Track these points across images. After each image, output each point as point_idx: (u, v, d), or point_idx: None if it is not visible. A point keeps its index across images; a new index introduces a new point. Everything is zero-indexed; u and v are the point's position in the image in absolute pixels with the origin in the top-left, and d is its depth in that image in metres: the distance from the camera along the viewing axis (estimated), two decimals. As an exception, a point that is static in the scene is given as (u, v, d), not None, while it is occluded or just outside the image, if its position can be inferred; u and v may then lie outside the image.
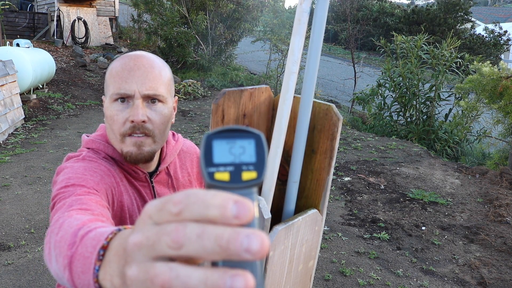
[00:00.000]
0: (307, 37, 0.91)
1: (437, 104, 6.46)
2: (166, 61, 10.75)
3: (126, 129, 0.96)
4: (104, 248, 0.48)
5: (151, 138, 0.98)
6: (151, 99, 0.97)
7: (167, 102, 1.00)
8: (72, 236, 0.64)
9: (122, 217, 1.03)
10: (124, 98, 0.96)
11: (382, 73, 6.95)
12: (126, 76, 0.94)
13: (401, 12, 19.72)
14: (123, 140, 0.98)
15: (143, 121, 0.95)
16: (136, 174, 1.05)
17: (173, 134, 1.21)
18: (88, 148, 1.04)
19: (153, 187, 1.10)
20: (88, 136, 1.07)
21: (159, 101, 0.98)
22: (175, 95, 1.07)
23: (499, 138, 5.48)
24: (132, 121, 0.95)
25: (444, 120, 6.50)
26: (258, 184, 0.35)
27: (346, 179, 4.00)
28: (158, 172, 1.10)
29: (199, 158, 1.26)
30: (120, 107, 0.96)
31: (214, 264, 0.31)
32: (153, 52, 10.87)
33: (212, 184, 0.35)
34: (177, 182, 1.16)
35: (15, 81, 5.35)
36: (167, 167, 1.13)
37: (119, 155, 1.02)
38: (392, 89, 6.58)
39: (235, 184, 0.34)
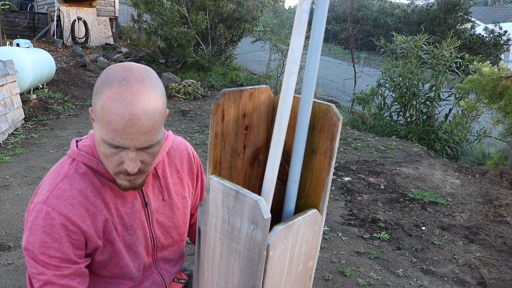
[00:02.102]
0: (307, 37, 0.91)
1: (437, 104, 6.46)
2: (166, 61, 10.74)
3: (120, 171, 0.98)
4: None
5: (144, 173, 1.01)
6: (146, 147, 0.97)
7: (161, 139, 1.00)
8: None
9: (107, 234, 1.05)
10: (118, 147, 0.95)
11: (382, 73, 6.95)
12: (121, 132, 0.91)
13: (401, 12, 19.72)
14: (117, 176, 1.00)
15: (137, 171, 0.97)
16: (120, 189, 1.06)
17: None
18: (73, 160, 1.05)
19: (141, 189, 1.10)
20: (77, 145, 1.08)
21: (153, 145, 0.98)
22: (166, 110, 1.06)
23: (499, 138, 5.48)
24: (126, 171, 0.96)
25: (444, 120, 6.50)
26: None
27: (346, 179, 4.00)
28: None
29: (189, 154, 1.22)
30: (113, 150, 0.95)
31: None
32: (153, 52, 10.87)
33: None
34: (166, 181, 1.16)
35: (15, 81, 5.35)
36: (154, 168, 1.14)
37: (103, 167, 1.03)
38: (392, 89, 6.58)
39: None
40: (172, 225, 1.19)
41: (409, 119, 6.66)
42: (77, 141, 1.10)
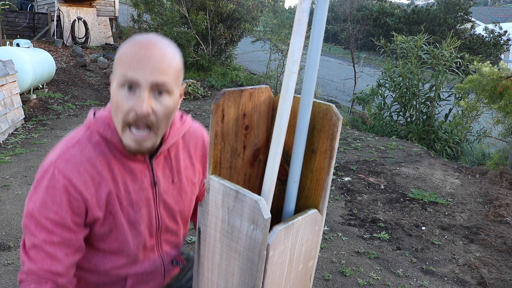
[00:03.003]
0: (307, 37, 0.91)
1: (437, 104, 6.46)
2: (166, 61, 10.77)
3: (129, 119, 0.96)
4: None
5: (153, 131, 0.99)
6: (158, 91, 0.96)
7: (174, 93, 0.99)
8: None
9: (110, 206, 1.04)
10: (131, 86, 0.94)
11: (382, 73, 6.95)
12: (134, 65, 0.93)
13: (401, 12, 19.72)
14: (124, 130, 0.98)
15: (147, 114, 0.95)
16: (133, 155, 1.04)
17: (181, 116, 1.19)
18: (88, 128, 1.05)
19: (152, 168, 1.09)
20: (94, 114, 1.07)
21: (166, 92, 0.97)
22: (183, 83, 1.06)
23: (499, 138, 5.48)
24: (136, 113, 0.94)
25: (444, 120, 6.50)
26: None
27: (346, 179, 4.00)
28: (158, 154, 1.09)
29: (204, 141, 1.21)
30: (126, 95, 0.95)
31: None
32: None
33: None
34: (177, 164, 1.15)
35: (15, 81, 5.35)
36: (167, 149, 1.12)
37: (117, 138, 1.02)
38: (392, 89, 6.58)
39: None
40: (178, 209, 1.18)
41: (409, 119, 6.66)
42: (94, 112, 1.09)
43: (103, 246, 1.10)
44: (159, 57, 0.94)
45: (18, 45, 7.93)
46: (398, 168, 4.29)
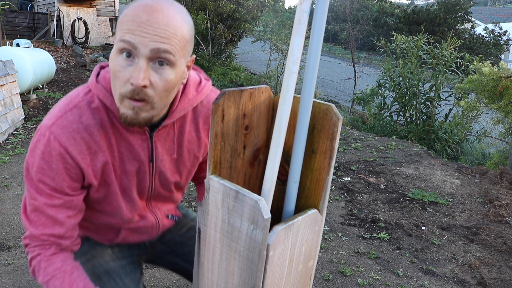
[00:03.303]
0: (307, 37, 0.91)
1: (437, 104, 6.46)
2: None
3: (126, 91, 0.89)
4: None
5: (149, 104, 0.91)
6: (159, 61, 0.88)
7: (177, 65, 0.91)
8: None
9: (105, 175, 1.03)
10: (130, 53, 0.87)
11: (382, 73, 6.94)
12: (134, 29, 0.84)
13: (401, 12, 19.71)
14: (122, 100, 0.91)
15: (144, 86, 0.87)
16: (133, 128, 1.00)
17: (200, 82, 1.10)
18: (89, 90, 0.99)
19: (152, 142, 1.04)
20: (99, 74, 1.01)
21: (168, 64, 0.89)
22: (192, 54, 0.98)
23: (499, 138, 5.48)
24: (132, 84, 0.87)
25: (444, 120, 6.50)
26: None
27: (346, 179, 4.00)
28: (160, 127, 1.04)
29: None
30: (123, 63, 0.88)
31: None
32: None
33: None
34: (180, 138, 1.09)
35: (15, 81, 5.35)
36: (172, 122, 1.07)
37: (117, 107, 0.96)
38: (392, 89, 6.57)
39: None
40: (173, 181, 1.16)
41: (409, 119, 6.66)
42: (99, 71, 1.03)
43: (98, 207, 1.10)
44: (163, 23, 0.85)
45: (18, 45, 7.93)
46: (398, 168, 4.29)
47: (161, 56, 0.87)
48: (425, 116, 6.50)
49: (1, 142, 4.71)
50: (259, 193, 0.92)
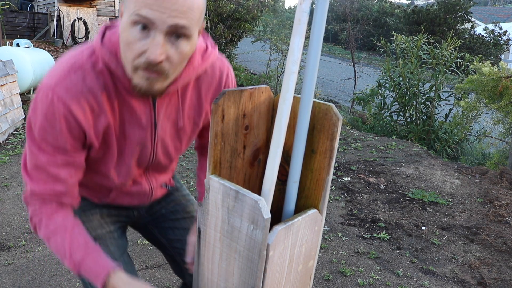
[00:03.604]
0: (307, 37, 0.91)
1: (437, 104, 6.46)
2: (166, 61, 10.80)
3: (140, 63, 0.87)
4: (104, 284, 0.99)
5: (164, 76, 0.91)
6: (176, 35, 0.86)
7: (193, 37, 0.90)
8: (69, 254, 1.00)
9: (106, 137, 1.02)
10: (145, 26, 0.84)
11: (382, 73, 6.95)
12: (152, 3, 0.82)
13: (401, 12, 19.71)
14: (135, 71, 0.90)
15: (160, 61, 0.86)
16: (136, 92, 0.97)
17: (206, 49, 1.07)
18: (94, 51, 0.96)
19: (154, 108, 1.03)
20: (104, 35, 0.97)
21: (184, 37, 0.87)
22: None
23: (499, 138, 5.48)
24: (148, 59, 0.85)
25: (444, 120, 6.50)
26: None
27: (346, 179, 4.00)
28: (164, 94, 1.01)
29: (220, 83, 1.12)
30: (138, 35, 0.85)
31: None
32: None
33: None
34: (182, 103, 1.08)
35: (15, 81, 5.35)
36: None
37: (122, 71, 0.94)
38: (392, 89, 6.57)
39: None
40: (174, 148, 1.16)
41: (409, 119, 6.66)
42: (104, 31, 0.98)
43: (92, 166, 1.10)
44: None
45: (18, 45, 7.93)
46: (398, 168, 4.29)
47: (178, 32, 0.86)
48: (425, 116, 6.50)
49: (1, 142, 4.71)
50: (259, 193, 0.92)
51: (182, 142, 1.16)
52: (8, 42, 7.88)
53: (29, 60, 5.91)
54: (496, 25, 17.50)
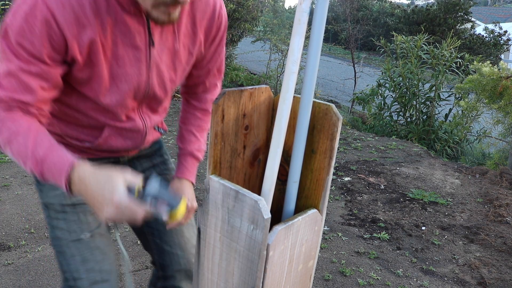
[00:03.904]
0: (307, 37, 0.91)
1: (437, 104, 6.46)
2: (166, 61, 10.81)
3: (166, 1, 0.91)
4: (68, 178, 0.88)
5: (181, 5, 0.95)
6: None
7: None
8: (31, 152, 0.90)
9: (92, 54, 0.97)
10: None
11: (382, 73, 6.95)
12: None
13: (401, 12, 19.71)
14: (157, 6, 0.92)
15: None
16: (130, 9, 0.96)
17: None
18: None
19: (149, 26, 1.01)
20: None
21: None
22: None
23: (499, 138, 5.48)
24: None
25: (444, 120, 6.50)
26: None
27: (346, 179, 4.00)
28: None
29: (214, 12, 1.13)
30: None
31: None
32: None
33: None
34: (178, 28, 1.07)
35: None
36: None
37: None
38: (392, 89, 6.58)
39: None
40: (169, 77, 1.11)
41: (409, 119, 6.66)
42: None
43: (82, 90, 1.04)
44: None
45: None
46: (398, 168, 4.29)
47: None
48: (425, 116, 6.50)
49: (1, 142, 4.71)
50: (259, 193, 0.92)
51: (177, 73, 1.13)
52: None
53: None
54: (496, 25, 17.49)
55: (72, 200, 1.15)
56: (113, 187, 0.84)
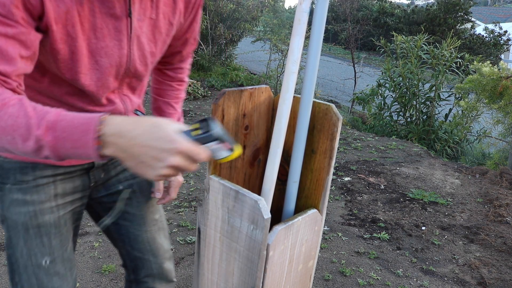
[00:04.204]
0: (307, 37, 0.91)
1: (437, 104, 6.46)
2: (166, 61, 10.80)
3: None
4: (98, 136, 0.69)
5: None
6: None
7: None
8: (36, 119, 0.71)
9: (69, 26, 0.87)
10: None
11: (382, 73, 6.95)
12: None
13: (401, 12, 19.72)
14: None
15: None
16: None
17: None
18: None
19: None
20: None
21: None
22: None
23: (499, 138, 5.48)
24: None
25: (444, 120, 6.50)
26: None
27: (346, 179, 4.00)
28: None
29: None
30: None
31: None
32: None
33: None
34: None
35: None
36: None
37: None
38: (392, 89, 6.58)
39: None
40: (149, 51, 1.04)
41: (409, 119, 6.66)
42: None
43: (60, 69, 0.93)
44: None
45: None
46: (398, 168, 4.29)
47: None
48: (425, 116, 6.50)
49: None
50: (259, 193, 0.92)
51: (157, 45, 1.05)
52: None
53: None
54: (496, 25, 17.50)
55: (38, 221, 1.04)
56: (169, 132, 0.71)
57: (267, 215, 0.84)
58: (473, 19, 19.34)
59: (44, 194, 1.05)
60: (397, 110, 6.74)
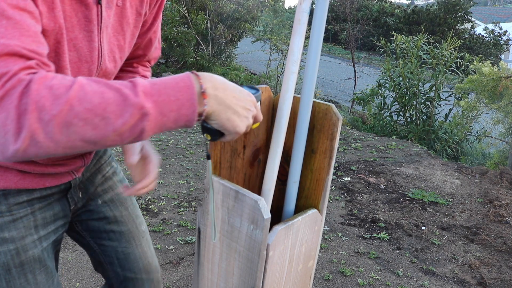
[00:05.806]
0: (307, 37, 0.91)
1: (437, 104, 6.46)
2: (166, 61, 10.76)
3: None
4: (203, 90, 0.67)
5: None
6: None
7: None
8: (123, 99, 0.60)
9: (51, 13, 0.74)
10: None
11: (382, 73, 6.95)
12: None
13: (401, 12, 19.72)
14: None
15: None
16: None
17: None
18: None
19: None
20: None
21: None
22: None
23: (499, 138, 5.48)
24: None
25: (444, 120, 6.50)
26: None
27: (346, 179, 4.00)
28: None
29: None
30: None
31: None
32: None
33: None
34: None
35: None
36: None
37: None
38: (392, 89, 6.58)
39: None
40: (117, 44, 0.92)
41: (409, 119, 6.66)
42: None
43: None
44: None
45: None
46: (398, 168, 4.29)
47: None
48: (425, 116, 6.50)
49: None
50: (259, 193, 0.92)
51: (126, 38, 0.95)
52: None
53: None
54: (496, 25, 17.51)
55: (21, 258, 0.93)
56: (241, 88, 0.72)
57: (267, 215, 0.84)
58: (473, 19, 19.35)
59: (24, 228, 0.93)
60: (397, 110, 6.74)
